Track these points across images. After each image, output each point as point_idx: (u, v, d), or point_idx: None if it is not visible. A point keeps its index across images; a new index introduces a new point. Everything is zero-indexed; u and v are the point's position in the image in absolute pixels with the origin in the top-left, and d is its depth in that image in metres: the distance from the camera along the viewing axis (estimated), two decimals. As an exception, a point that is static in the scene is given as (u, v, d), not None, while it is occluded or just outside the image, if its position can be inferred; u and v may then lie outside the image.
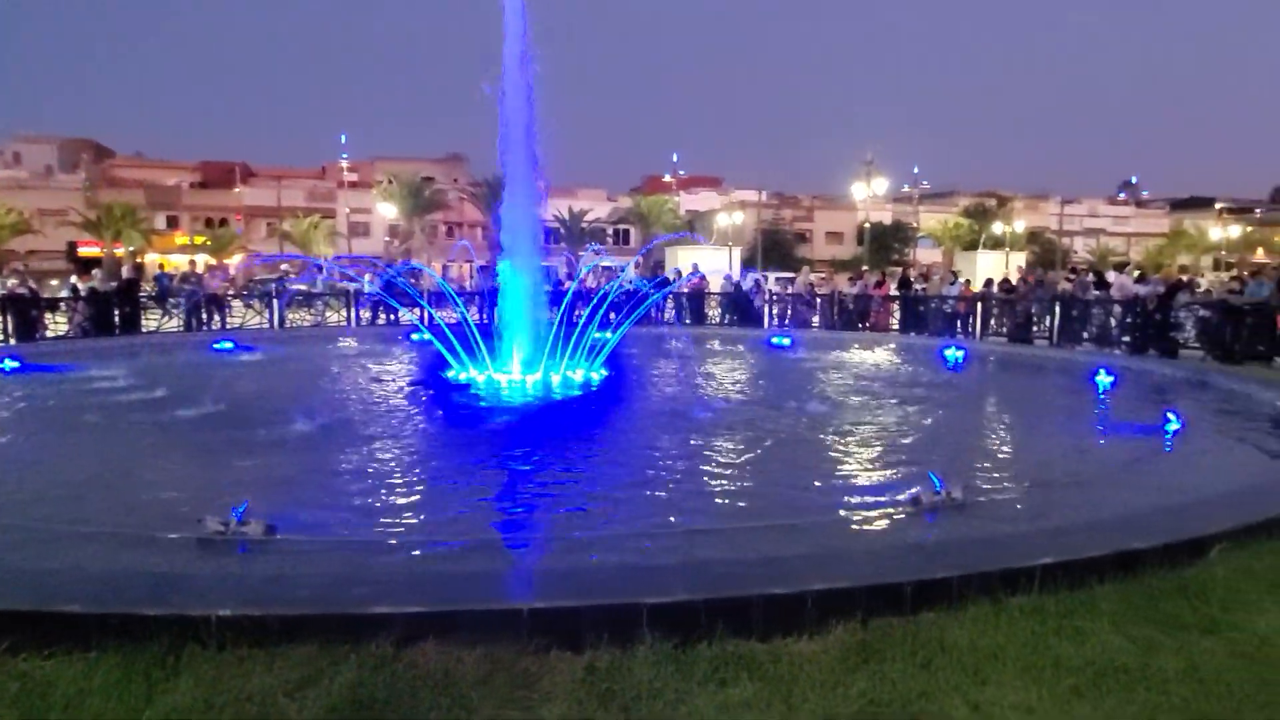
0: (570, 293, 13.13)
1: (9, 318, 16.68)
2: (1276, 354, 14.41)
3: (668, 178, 71.54)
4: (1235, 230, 68.05)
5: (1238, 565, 4.31)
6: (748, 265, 39.28)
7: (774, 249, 56.39)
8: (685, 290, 23.66)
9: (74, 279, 24.68)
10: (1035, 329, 18.95)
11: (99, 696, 3.05)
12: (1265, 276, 16.05)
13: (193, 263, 30.21)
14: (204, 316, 20.31)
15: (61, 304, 19.36)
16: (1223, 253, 63.31)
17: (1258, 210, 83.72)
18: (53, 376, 12.80)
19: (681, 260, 28.81)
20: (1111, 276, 20.06)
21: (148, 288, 22.54)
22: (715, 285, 24.94)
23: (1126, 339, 16.96)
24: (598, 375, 11.61)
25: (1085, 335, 17.85)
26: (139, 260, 44.28)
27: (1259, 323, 14.90)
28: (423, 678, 3.17)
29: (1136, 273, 21.52)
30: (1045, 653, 3.40)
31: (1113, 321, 17.64)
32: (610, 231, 63.26)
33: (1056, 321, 18.20)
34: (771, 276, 34.58)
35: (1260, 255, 59.83)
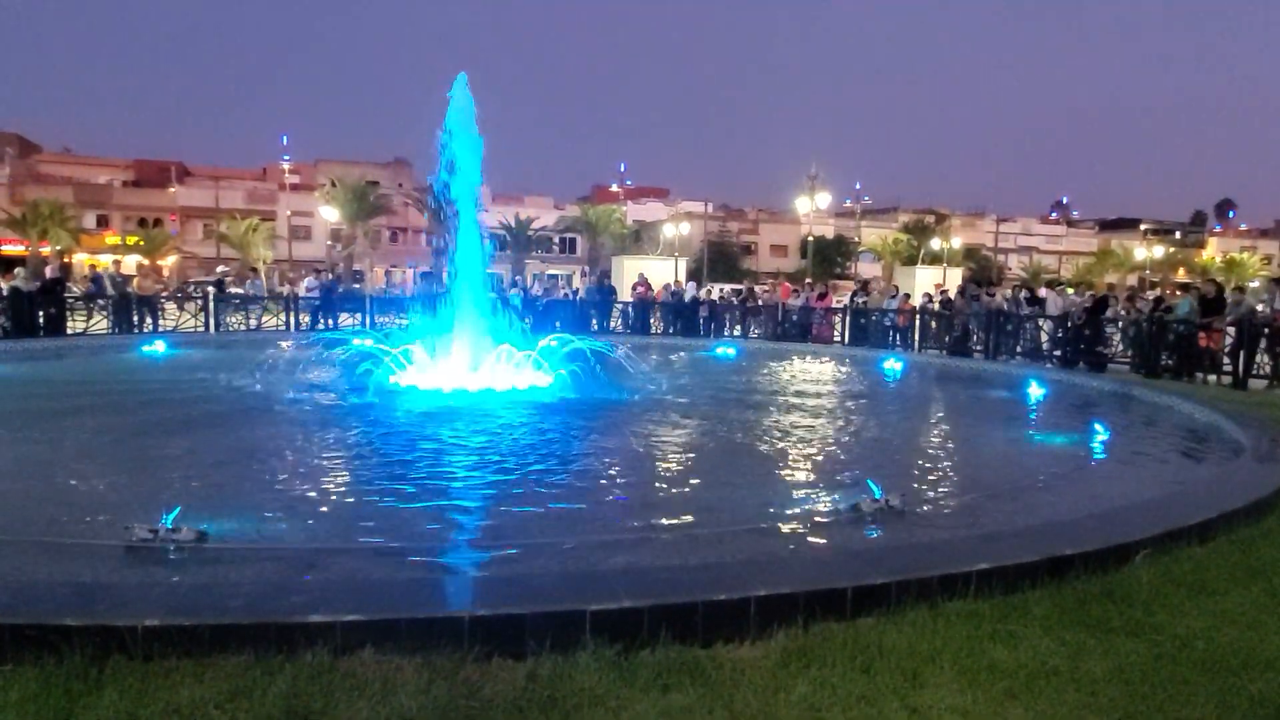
0: (517, 300, 13.04)
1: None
2: (1198, 368, 15.02)
3: (615, 188, 71.72)
4: (1159, 250, 70.91)
5: (1160, 570, 4.46)
6: (693, 276, 39.54)
7: (720, 260, 56.92)
8: (631, 300, 23.75)
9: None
10: (971, 342, 19.45)
11: (14, 712, 2.92)
12: (1189, 295, 16.71)
13: (118, 263, 29.29)
14: (134, 319, 19.66)
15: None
16: (1147, 271, 65.87)
17: (1179, 232, 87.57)
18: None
19: (628, 270, 28.87)
20: (1044, 293, 20.70)
21: (77, 288, 21.76)
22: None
23: (1058, 353, 17.52)
24: (542, 383, 11.55)
25: (1019, 349, 18.38)
26: (66, 260, 42.69)
27: (1182, 338, 15.51)
28: (360, 687, 3.09)
29: (1070, 290, 22.25)
30: (980, 656, 3.47)
31: (1044, 336, 18.21)
32: (557, 240, 63.06)
33: (992, 336, 18.71)
34: (717, 288, 34.90)
35: (1181, 274, 62.44)
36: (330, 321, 22.10)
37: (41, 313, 18.12)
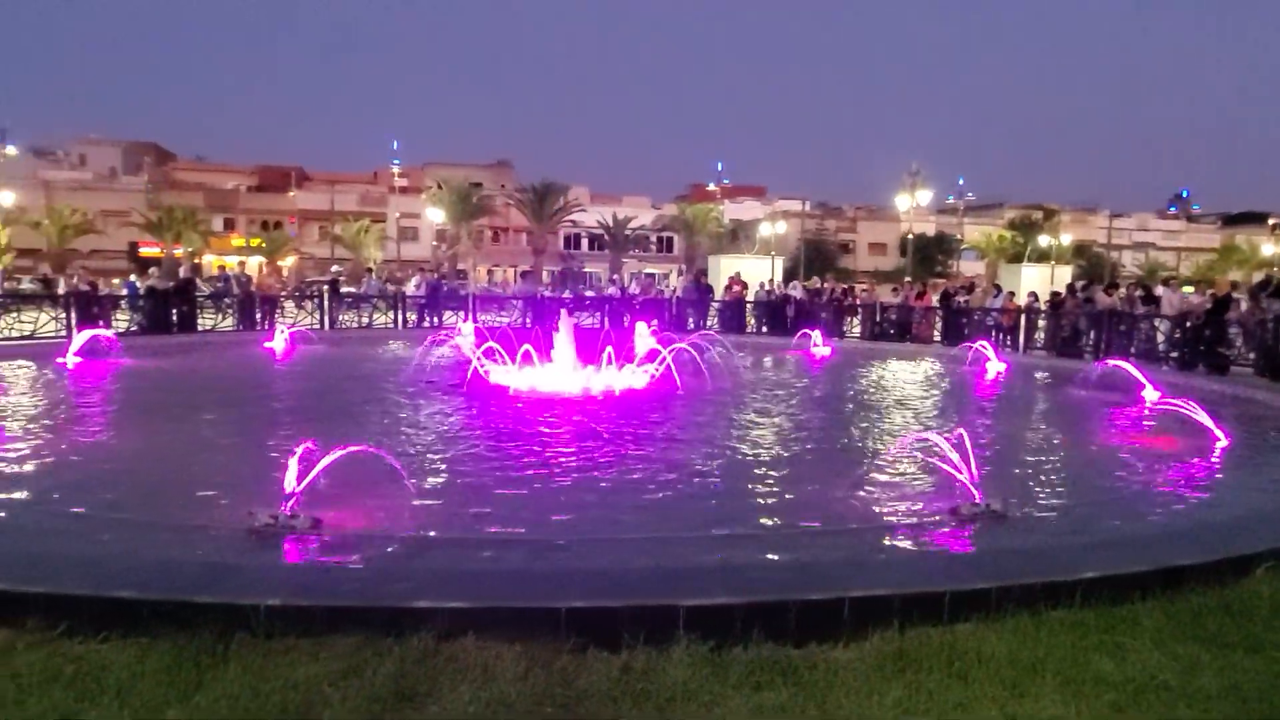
0: (615, 300, 13.22)
1: (72, 312, 17.24)
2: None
3: (712, 186, 71.49)
4: (1290, 246, 65.98)
5: (1285, 585, 4.21)
6: (790, 275, 39.11)
7: (817, 259, 56.05)
8: (726, 299, 23.69)
9: (133, 277, 25.42)
10: (1081, 342, 18.58)
11: (151, 680, 3.16)
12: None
13: (243, 264, 30.99)
14: (258, 316, 20.77)
15: (122, 301, 19.93)
16: (1276, 269, 61.37)
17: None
18: (118, 370, 13.21)
19: (725, 269, 28.76)
20: (1160, 291, 19.60)
21: (205, 287, 23.15)
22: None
23: (1175, 354, 16.56)
24: (638, 384, 11.67)
25: (1132, 350, 17.45)
26: (197, 261, 45.44)
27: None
28: (463, 672, 3.23)
29: (1188, 289, 20.97)
30: (1085, 667, 3.37)
31: (1160, 337, 17.24)
32: (654, 239, 63.35)
33: (1104, 336, 17.81)
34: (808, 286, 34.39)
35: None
36: (436, 319, 22.83)
37: (174, 310, 19.35)
